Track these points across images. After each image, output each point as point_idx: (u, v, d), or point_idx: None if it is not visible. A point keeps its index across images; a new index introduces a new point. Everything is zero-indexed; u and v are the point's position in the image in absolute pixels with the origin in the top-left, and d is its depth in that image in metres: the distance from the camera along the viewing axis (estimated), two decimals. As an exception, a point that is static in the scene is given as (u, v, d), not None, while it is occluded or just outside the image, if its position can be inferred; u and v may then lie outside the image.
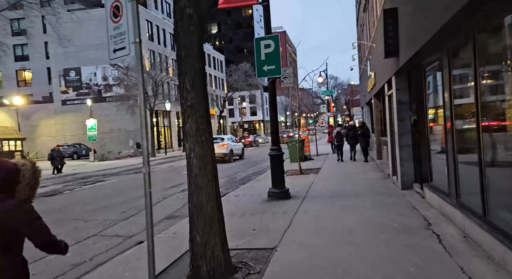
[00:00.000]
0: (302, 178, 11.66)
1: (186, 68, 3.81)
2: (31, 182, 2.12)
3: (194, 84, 3.82)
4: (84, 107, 35.85)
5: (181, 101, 3.90)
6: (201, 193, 3.82)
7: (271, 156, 8.31)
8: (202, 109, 3.86)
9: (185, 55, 3.80)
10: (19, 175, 2.08)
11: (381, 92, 12.55)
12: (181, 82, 3.87)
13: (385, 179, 9.96)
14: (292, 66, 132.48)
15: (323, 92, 40.46)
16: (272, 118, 8.28)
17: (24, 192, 2.08)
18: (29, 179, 2.11)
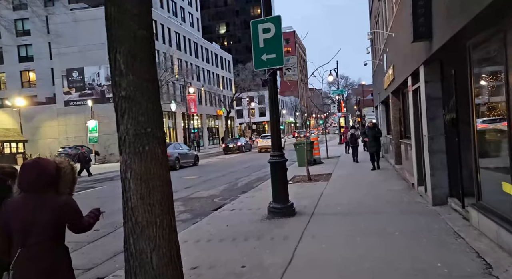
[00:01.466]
0: (310, 187, 10.16)
1: (118, 35, 2.39)
2: (72, 179, 2.45)
3: (133, 63, 2.40)
4: (87, 108, 34.88)
5: (112, 89, 2.48)
6: (142, 236, 2.40)
7: (271, 164, 6.85)
8: (146, 101, 2.45)
9: (116, 12, 2.37)
10: (61, 173, 2.37)
11: (401, 88, 10.96)
12: (111, 59, 2.45)
13: (409, 190, 8.40)
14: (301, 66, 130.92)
15: (333, 91, 38.76)
16: (273, 117, 6.82)
17: (66, 188, 2.40)
18: (70, 176, 2.43)
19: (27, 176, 2.29)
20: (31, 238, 2.21)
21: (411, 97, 8.18)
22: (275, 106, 6.83)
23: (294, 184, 11.01)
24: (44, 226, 2.23)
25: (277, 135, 6.85)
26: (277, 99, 6.87)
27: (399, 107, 12.37)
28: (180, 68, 41.39)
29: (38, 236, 2.22)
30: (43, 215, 2.23)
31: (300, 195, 8.90)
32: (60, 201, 2.29)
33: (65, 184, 2.40)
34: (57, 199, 2.29)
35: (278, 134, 6.87)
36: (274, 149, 6.87)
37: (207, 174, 16.58)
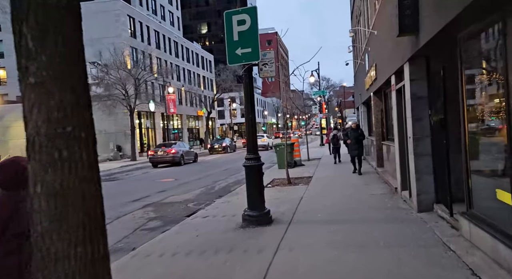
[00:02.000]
0: (289, 190, 9.66)
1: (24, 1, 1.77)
2: None
3: (46, 39, 1.78)
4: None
5: (18, 74, 1.86)
6: (56, 272, 1.79)
7: (246, 167, 6.30)
8: (63, 91, 1.84)
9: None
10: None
11: (383, 88, 10.63)
12: (15, 34, 1.83)
13: (392, 194, 8.01)
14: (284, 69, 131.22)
15: (315, 92, 38.63)
16: (249, 117, 6.28)
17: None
18: None
19: (6, 174, 2.34)
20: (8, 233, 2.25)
21: (394, 97, 7.80)
22: (251, 105, 6.29)
23: (273, 188, 10.51)
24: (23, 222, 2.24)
25: (252, 136, 6.31)
26: (253, 98, 6.33)
27: (381, 108, 12.06)
28: (159, 67, 40.33)
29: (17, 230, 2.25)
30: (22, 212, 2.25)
31: (279, 199, 8.39)
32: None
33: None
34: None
35: (253, 135, 6.32)
36: (249, 152, 6.33)
37: (207, 169, 15.88)
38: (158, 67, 40.03)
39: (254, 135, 6.30)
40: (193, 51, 55.38)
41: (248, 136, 6.31)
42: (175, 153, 21.56)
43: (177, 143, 24.08)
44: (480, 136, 4.30)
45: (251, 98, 6.30)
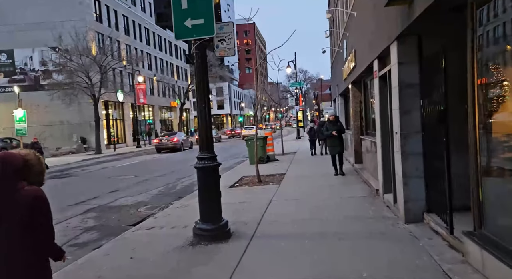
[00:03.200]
0: (258, 191, 8.50)
1: None
2: (39, 170, 2.44)
3: None
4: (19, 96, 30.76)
5: None
6: None
7: (198, 169, 5.05)
8: None
9: None
10: (28, 164, 2.38)
11: (363, 76, 9.59)
12: None
13: (373, 197, 6.98)
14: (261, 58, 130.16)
15: (291, 84, 37.61)
16: (201, 107, 5.01)
17: (35, 179, 2.40)
18: (37, 168, 2.44)
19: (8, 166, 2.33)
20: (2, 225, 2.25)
21: (377, 85, 6.73)
22: (204, 91, 5.02)
23: (240, 188, 9.32)
24: (12, 215, 2.26)
25: (205, 130, 5.05)
26: (207, 83, 5.07)
27: (360, 100, 11.05)
28: (128, 54, 38.02)
29: (5, 224, 2.26)
30: (14, 203, 2.26)
31: (244, 204, 7.21)
32: (30, 191, 2.32)
33: (34, 175, 2.44)
34: (27, 190, 2.31)
35: (207, 129, 5.07)
36: (202, 150, 5.07)
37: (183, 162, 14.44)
38: (127, 54, 37.73)
39: (208, 129, 5.05)
40: (166, 39, 53.02)
41: (201, 130, 5.05)
42: (177, 141, 25.67)
43: (177, 133, 28.69)
44: (497, 131, 3.23)
45: (205, 83, 5.03)
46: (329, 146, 10.05)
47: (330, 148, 9.96)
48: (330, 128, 9.72)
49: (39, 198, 2.33)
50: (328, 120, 10.12)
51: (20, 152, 2.45)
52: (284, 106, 77.61)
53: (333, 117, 10.02)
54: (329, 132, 9.65)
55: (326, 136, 9.89)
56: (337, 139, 9.70)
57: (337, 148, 9.77)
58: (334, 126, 9.74)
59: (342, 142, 10.00)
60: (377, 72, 6.62)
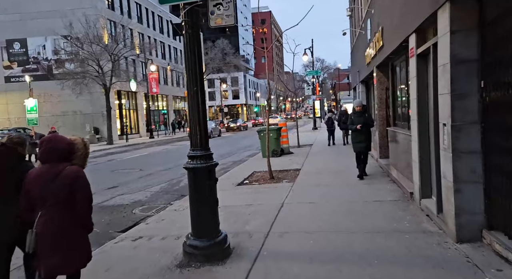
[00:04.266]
0: (268, 192, 7.41)
1: None
2: (83, 153, 2.86)
3: None
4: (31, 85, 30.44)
5: None
6: None
7: (188, 170, 3.98)
8: None
9: None
10: (73, 148, 2.80)
11: (391, 58, 8.28)
12: None
13: (406, 202, 5.78)
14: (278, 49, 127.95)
15: (308, 72, 36.07)
16: (192, 91, 3.92)
17: (78, 161, 2.80)
18: (82, 151, 2.85)
19: (43, 149, 2.71)
20: (49, 201, 2.62)
21: (413, 65, 5.47)
22: (197, 70, 3.93)
23: (249, 186, 8.27)
24: (57, 191, 2.61)
25: (198, 121, 3.96)
26: (200, 59, 3.97)
27: (386, 86, 9.74)
28: (141, 43, 37.18)
29: (53, 199, 2.61)
30: (58, 182, 2.61)
31: (251, 207, 6.15)
32: (72, 169, 2.67)
33: (78, 158, 2.80)
34: (70, 168, 2.66)
35: (201, 118, 3.98)
36: (194, 146, 4.00)
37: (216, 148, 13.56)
38: (140, 42, 36.91)
39: (202, 119, 3.97)
40: (180, 28, 51.93)
41: (192, 121, 3.96)
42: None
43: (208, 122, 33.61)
44: None
45: (198, 61, 3.93)
46: (354, 142, 8.20)
47: (354, 145, 8.18)
48: (356, 120, 7.98)
49: (80, 178, 2.67)
50: (354, 111, 8.27)
51: (70, 137, 2.87)
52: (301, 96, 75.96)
53: (360, 108, 8.11)
54: (354, 126, 7.94)
55: (351, 130, 8.18)
56: (363, 134, 7.94)
57: (362, 145, 7.98)
58: (360, 118, 7.98)
59: (369, 137, 8.18)
60: (415, 49, 5.37)
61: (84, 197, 2.70)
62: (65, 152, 2.74)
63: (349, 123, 8.20)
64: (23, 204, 2.73)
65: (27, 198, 2.69)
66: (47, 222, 2.61)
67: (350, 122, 8.13)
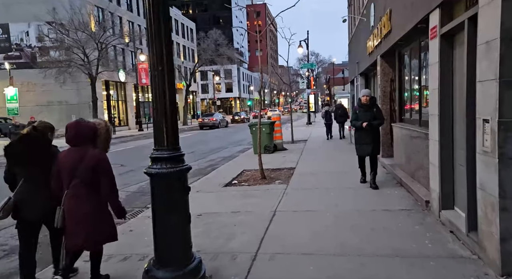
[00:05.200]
0: (258, 195, 6.45)
1: None
2: (106, 137, 3.17)
3: None
4: (16, 73, 28.96)
5: None
6: None
7: (151, 176, 2.98)
8: None
9: None
10: (97, 132, 3.06)
11: (399, 45, 7.33)
12: None
13: (422, 213, 4.87)
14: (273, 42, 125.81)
15: (303, 65, 35.08)
16: (157, 70, 2.91)
17: (101, 145, 3.09)
18: (104, 135, 3.14)
19: (69, 133, 2.98)
20: (73, 181, 2.88)
21: (436, 48, 4.51)
22: (163, 42, 2.91)
23: (237, 187, 7.32)
24: (82, 172, 2.87)
25: (165, 111, 2.96)
26: (167, 25, 2.95)
27: (391, 77, 8.82)
28: (131, 31, 35.76)
29: (78, 179, 2.88)
30: (83, 163, 2.87)
31: (238, 216, 5.20)
32: (95, 152, 2.94)
33: (101, 141, 3.06)
34: (93, 152, 2.94)
35: (170, 108, 2.98)
36: (159, 144, 3.00)
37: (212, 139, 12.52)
38: (129, 31, 35.48)
39: (170, 109, 2.96)
40: (172, 17, 50.40)
41: (156, 111, 2.96)
42: (215, 120, 32.69)
43: (215, 114, 35.55)
44: None
45: (164, 26, 2.92)
46: (358, 143, 6.42)
47: (358, 146, 6.44)
48: (362, 116, 6.24)
49: (102, 161, 2.98)
50: (359, 104, 6.42)
51: (95, 121, 3.19)
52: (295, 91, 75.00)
53: (367, 99, 6.25)
54: (359, 123, 6.23)
55: (355, 127, 6.42)
56: (369, 133, 6.20)
57: (368, 147, 6.24)
58: (368, 113, 6.25)
59: (378, 137, 6.48)
60: (438, 28, 4.41)
61: (107, 179, 2.96)
62: (89, 136, 2.98)
63: (353, 118, 6.53)
64: (54, 184, 3.00)
65: (57, 178, 2.97)
66: (73, 200, 2.89)
67: (354, 118, 6.41)
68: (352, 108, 18.49)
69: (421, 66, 6.32)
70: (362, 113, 6.33)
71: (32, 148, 3.11)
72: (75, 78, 27.74)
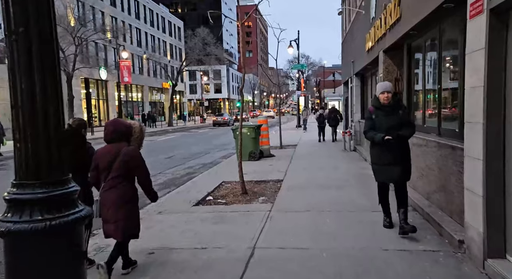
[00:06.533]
0: (235, 220, 5.06)
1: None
2: (139, 136, 3.45)
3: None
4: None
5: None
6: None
7: (5, 237, 1.58)
8: None
9: None
10: (131, 131, 3.35)
11: (411, 36, 6.05)
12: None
13: (452, 256, 3.55)
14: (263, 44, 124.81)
15: (294, 66, 33.90)
16: (13, 38, 1.50)
17: (135, 142, 3.39)
18: (138, 135, 3.42)
19: (107, 130, 3.29)
20: (110, 174, 3.19)
21: (479, 32, 3.22)
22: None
23: (212, 207, 5.94)
24: (118, 166, 3.17)
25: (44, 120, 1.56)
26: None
27: (396, 76, 7.57)
28: (113, 27, 34.00)
29: (114, 173, 3.18)
30: (120, 159, 3.17)
31: (201, 255, 3.81)
32: (130, 149, 3.23)
33: (135, 139, 3.36)
34: (128, 148, 3.23)
35: (54, 116, 1.58)
36: (26, 175, 1.60)
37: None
38: (113, 27, 33.73)
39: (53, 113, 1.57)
40: (159, 14, 48.77)
41: (22, 115, 1.56)
42: (226, 119, 37.61)
43: (225, 114, 42.23)
44: None
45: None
46: (376, 162, 4.32)
47: (377, 168, 4.31)
48: (381, 122, 4.15)
49: (136, 157, 3.26)
50: (377, 105, 4.24)
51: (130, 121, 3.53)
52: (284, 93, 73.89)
53: (389, 96, 4.13)
54: (379, 136, 4.07)
55: (376, 141, 4.16)
56: (395, 148, 4.10)
57: (395, 170, 4.14)
58: (391, 117, 4.13)
59: (407, 154, 4.30)
60: (485, 1, 3.11)
61: (142, 172, 3.30)
62: (125, 133, 3.29)
63: (368, 127, 4.28)
64: (93, 177, 3.32)
65: (96, 172, 3.29)
66: (110, 193, 3.20)
67: (369, 126, 4.25)
68: (345, 111, 17.36)
69: (441, 60, 5.05)
70: (381, 118, 4.15)
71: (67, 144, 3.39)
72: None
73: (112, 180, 3.17)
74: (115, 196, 3.16)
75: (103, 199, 3.20)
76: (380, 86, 4.28)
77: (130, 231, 3.26)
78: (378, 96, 4.22)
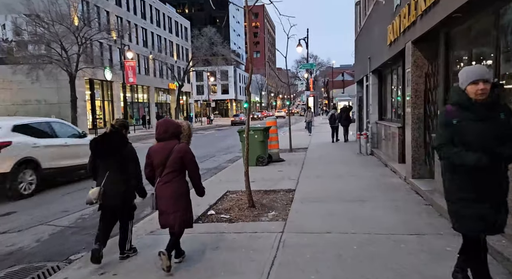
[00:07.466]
0: (238, 246, 4.08)
1: None
2: (188, 133, 3.66)
3: None
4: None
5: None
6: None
7: None
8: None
9: None
10: (181, 129, 3.60)
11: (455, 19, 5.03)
12: None
13: None
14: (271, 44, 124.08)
15: (302, 65, 32.89)
16: None
17: (184, 140, 3.61)
18: (187, 132, 3.65)
19: (160, 129, 3.52)
20: (165, 170, 3.44)
21: None
22: None
23: (214, 224, 5.01)
24: (172, 162, 3.42)
25: None
26: None
27: (426, 71, 6.55)
28: (120, 28, 33.34)
29: (169, 168, 3.43)
30: (172, 155, 3.42)
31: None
32: (181, 146, 3.49)
33: (184, 137, 3.60)
34: (179, 145, 3.49)
35: None
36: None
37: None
38: (117, 26, 33.06)
39: None
40: (165, 14, 48.10)
41: None
42: (243, 119, 38.21)
43: (240, 114, 44.58)
44: None
45: None
46: (462, 198, 2.55)
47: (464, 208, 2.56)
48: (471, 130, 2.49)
49: (188, 153, 3.50)
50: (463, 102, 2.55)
51: (178, 121, 3.69)
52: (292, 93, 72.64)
53: (485, 89, 2.47)
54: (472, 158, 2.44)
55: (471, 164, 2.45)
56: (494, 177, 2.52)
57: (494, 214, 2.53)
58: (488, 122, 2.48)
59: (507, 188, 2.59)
60: None
61: (193, 167, 3.53)
62: (176, 132, 3.53)
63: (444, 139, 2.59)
64: (148, 173, 3.59)
65: (151, 168, 3.55)
66: (163, 187, 3.45)
67: (448, 137, 2.56)
68: (359, 111, 16.18)
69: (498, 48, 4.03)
70: (470, 124, 2.51)
71: (111, 143, 3.72)
72: (55, 75, 25.31)
73: (167, 176, 3.44)
74: (172, 189, 3.43)
75: (160, 192, 3.46)
76: (471, 72, 2.54)
77: (186, 220, 3.51)
78: (466, 88, 2.54)
